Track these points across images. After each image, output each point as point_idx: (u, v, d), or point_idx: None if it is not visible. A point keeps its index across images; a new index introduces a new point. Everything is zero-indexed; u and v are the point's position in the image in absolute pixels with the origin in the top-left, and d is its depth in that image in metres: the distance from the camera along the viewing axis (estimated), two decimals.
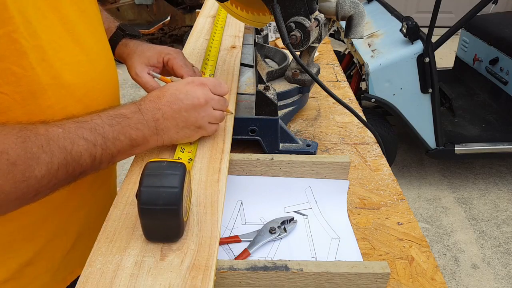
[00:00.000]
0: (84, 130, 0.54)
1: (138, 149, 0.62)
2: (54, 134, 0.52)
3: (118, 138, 0.57)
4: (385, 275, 0.56)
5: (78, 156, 0.53)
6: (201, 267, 0.50)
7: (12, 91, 0.54)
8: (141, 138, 0.60)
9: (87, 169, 0.55)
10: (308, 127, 1.07)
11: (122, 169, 2.76)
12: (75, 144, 0.53)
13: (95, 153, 0.55)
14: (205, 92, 0.66)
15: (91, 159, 0.55)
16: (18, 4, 0.52)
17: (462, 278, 2.11)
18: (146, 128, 0.60)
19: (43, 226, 0.66)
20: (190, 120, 0.64)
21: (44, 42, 0.56)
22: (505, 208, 2.55)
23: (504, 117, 2.69)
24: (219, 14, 1.25)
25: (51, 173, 0.51)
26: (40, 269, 0.69)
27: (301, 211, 0.77)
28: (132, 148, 0.60)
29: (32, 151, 0.49)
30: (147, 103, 0.62)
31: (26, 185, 0.49)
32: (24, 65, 0.53)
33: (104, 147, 0.56)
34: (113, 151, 0.57)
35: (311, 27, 0.85)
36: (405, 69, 2.31)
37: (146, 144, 0.62)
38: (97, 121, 0.56)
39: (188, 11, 4.18)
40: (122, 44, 0.86)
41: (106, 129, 0.56)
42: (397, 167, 2.84)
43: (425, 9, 4.40)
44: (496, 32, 2.76)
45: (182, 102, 0.63)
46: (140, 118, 0.60)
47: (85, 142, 0.54)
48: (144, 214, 0.50)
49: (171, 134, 0.64)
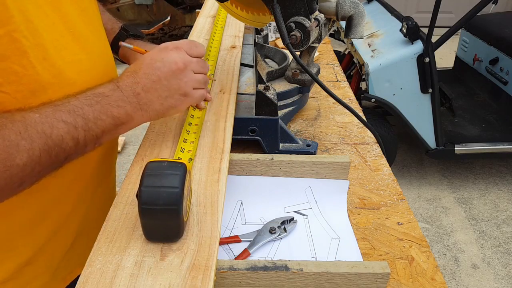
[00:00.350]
0: (62, 113, 0.53)
1: (123, 128, 0.60)
2: (31, 120, 0.50)
3: (99, 117, 0.56)
4: (385, 275, 0.56)
5: (60, 140, 0.52)
6: (201, 267, 0.50)
7: (13, 90, 0.53)
8: (124, 115, 0.59)
9: (71, 153, 0.54)
10: (308, 127, 1.07)
11: (122, 169, 2.75)
12: (55, 127, 0.51)
13: (77, 135, 0.54)
14: (182, 56, 0.64)
15: (74, 142, 0.54)
16: (19, 4, 0.51)
17: (462, 278, 2.11)
18: (128, 104, 0.59)
19: (41, 225, 0.66)
20: (172, 87, 0.62)
21: (46, 40, 0.55)
22: (505, 208, 2.55)
23: (504, 117, 2.69)
24: (219, 14, 1.25)
25: (33, 160, 0.50)
26: (39, 269, 0.69)
27: (301, 211, 0.77)
28: (117, 127, 0.59)
29: (10, 138, 0.48)
30: (124, 78, 0.60)
31: (9, 175, 0.48)
32: (25, 64, 0.53)
33: (86, 128, 0.55)
34: (96, 132, 0.56)
35: (311, 27, 0.85)
36: (405, 69, 2.31)
37: (131, 122, 0.61)
38: (75, 102, 0.55)
39: (188, 11, 4.18)
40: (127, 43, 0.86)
41: (85, 110, 0.55)
42: (397, 167, 2.84)
43: (425, 9, 4.40)
44: (496, 32, 2.76)
45: (160, 70, 0.61)
46: (119, 95, 0.58)
47: (65, 124, 0.52)
48: (144, 214, 0.50)
49: (156, 107, 0.62)
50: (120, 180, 2.60)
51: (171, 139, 0.71)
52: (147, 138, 0.72)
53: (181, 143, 0.69)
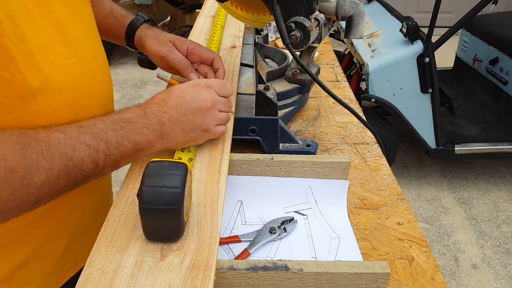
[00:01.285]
0: (86, 135, 0.53)
1: (142, 154, 0.61)
2: (55, 140, 0.51)
3: (121, 143, 0.57)
4: (385, 275, 0.56)
5: (80, 162, 0.52)
6: (201, 267, 0.50)
7: (1, 96, 0.53)
8: (145, 142, 0.59)
9: (89, 175, 0.55)
10: (308, 127, 1.07)
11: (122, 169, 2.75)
12: (77, 150, 0.52)
13: (98, 159, 0.54)
14: (212, 95, 0.65)
15: (93, 165, 0.54)
16: (6, 8, 0.50)
17: (462, 278, 2.11)
18: (151, 133, 0.60)
19: (35, 229, 0.66)
20: (196, 123, 0.64)
21: (33, 46, 0.54)
22: (505, 208, 2.55)
23: (504, 117, 2.69)
24: (219, 14, 1.25)
25: (51, 180, 0.50)
26: (33, 272, 0.69)
27: (301, 211, 0.77)
28: (136, 152, 0.60)
29: (31, 157, 0.48)
30: (153, 106, 0.61)
31: (26, 193, 0.48)
32: (12, 70, 0.52)
33: (107, 152, 0.55)
34: (116, 156, 0.57)
35: (311, 27, 0.85)
36: (405, 69, 2.31)
37: (151, 148, 0.61)
38: (100, 126, 0.55)
39: (188, 11, 4.18)
40: (145, 27, 0.87)
41: (109, 134, 0.55)
42: (397, 167, 2.84)
43: (425, 9, 4.40)
44: (496, 32, 2.76)
45: (189, 105, 0.63)
46: (145, 122, 0.59)
47: (87, 147, 0.53)
48: (145, 213, 0.50)
49: (177, 138, 0.63)
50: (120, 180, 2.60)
51: None
52: None
53: None
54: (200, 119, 0.64)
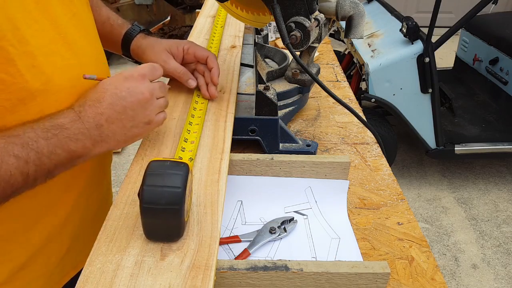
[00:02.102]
0: (14, 146, 0.50)
1: (79, 161, 0.58)
2: None
3: (54, 152, 0.53)
4: (385, 275, 0.56)
5: (8, 175, 0.49)
6: (201, 267, 0.50)
7: (1, 99, 0.52)
8: (81, 149, 0.56)
9: (19, 187, 0.52)
10: (308, 127, 1.07)
11: (122, 169, 2.76)
12: (4, 162, 0.49)
13: (28, 170, 0.51)
14: (147, 85, 0.62)
15: (23, 177, 0.51)
16: (6, 11, 0.50)
17: (462, 278, 2.11)
18: (88, 138, 0.56)
19: (35, 231, 0.65)
20: (137, 118, 0.60)
21: (34, 47, 0.54)
22: (505, 208, 2.55)
23: (504, 117, 2.69)
24: (219, 14, 1.25)
25: None
26: (34, 274, 0.69)
27: (301, 211, 0.77)
28: (72, 160, 0.56)
29: None
30: (87, 108, 0.57)
31: None
32: (13, 72, 0.52)
33: (37, 163, 0.52)
34: (49, 166, 0.53)
35: (311, 27, 0.85)
36: (405, 69, 2.31)
37: (89, 154, 0.58)
38: (30, 134, 0.52)
39: (188, 11, 4.18)
40: (140, 37, 0.87)
41: (40, 143, 0.52)
42: (397, 167, 2.84)
43: (425, 9, 4.40)
44: (496, 32, 2.76)
45: (126, 100, 0.59)
46: (80, 128, 0.55)
47: (16, 159, 0.50)
48: (146, 213, 0.50)
49: (118, 137, 0.60)
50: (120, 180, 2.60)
51: (170, 139, 0.71)
52: (147, 137, 0.72)
53: (182, 142, 0.69)
54: (141, 113, 0.60)
